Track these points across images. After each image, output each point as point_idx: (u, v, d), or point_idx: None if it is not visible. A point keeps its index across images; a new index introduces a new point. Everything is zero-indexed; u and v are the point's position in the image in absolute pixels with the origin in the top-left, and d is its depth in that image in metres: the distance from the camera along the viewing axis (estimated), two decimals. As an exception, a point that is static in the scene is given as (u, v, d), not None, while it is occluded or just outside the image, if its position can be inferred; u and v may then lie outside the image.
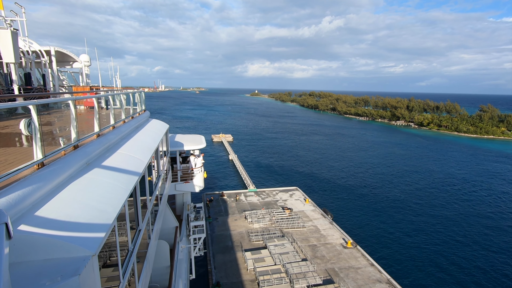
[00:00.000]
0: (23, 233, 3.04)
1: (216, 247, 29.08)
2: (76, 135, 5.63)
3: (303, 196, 42.71)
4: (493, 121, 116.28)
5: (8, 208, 3.11)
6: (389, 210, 41.93)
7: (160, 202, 10.90)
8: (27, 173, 4.00)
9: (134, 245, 5.79)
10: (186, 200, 20.96)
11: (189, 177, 18.54)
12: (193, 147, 18.83)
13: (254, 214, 35.42)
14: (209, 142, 77.06)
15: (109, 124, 8.27)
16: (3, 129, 8.52)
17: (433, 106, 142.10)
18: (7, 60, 12.55)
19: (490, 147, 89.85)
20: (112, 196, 4.63)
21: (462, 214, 41.07)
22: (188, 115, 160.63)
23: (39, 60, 19.52)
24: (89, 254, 3.20)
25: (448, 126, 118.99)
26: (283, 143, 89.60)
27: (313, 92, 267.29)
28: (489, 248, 32.74)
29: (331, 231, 32.64)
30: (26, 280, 2.84)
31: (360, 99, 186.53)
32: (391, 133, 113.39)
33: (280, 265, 25.49)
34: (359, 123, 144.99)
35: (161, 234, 13.72)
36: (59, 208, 3.73)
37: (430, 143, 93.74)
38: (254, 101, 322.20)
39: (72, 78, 26.14)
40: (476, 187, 52.20)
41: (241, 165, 59.67)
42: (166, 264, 12.14)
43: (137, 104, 13.03)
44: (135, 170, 6.29)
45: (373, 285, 23.87)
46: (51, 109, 15.33)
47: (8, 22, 14.42)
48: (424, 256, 31.09)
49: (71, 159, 5.00)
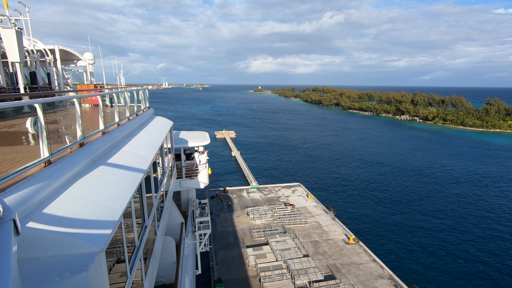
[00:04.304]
0: (31, 230, 3.09)
1: (218, 244, 29.26)
2: (81, 133, 5.67)
3: (305, 192, 42.69)
4: (500, 115, 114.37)
5: (17, 206, 3.16)
6: (392, 206, 41.76)
7: (166, 199, 10.99)
8: (35, 171, 4.05)
9: (140, 241, 5.86)
10: (191, 197, 21.11)
11: (193, 173, 18.63)
12: (197, 143, 18.89)
13: (256, 210, 35.52)
14: (212, 139, 77.30)
15: (114, 121, 8.31)
16: (10, 127, 8.62)
17: (438, 100, 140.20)
18: (12, 59, 12.64)
19: (497, 140, 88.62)
20: (118, 193, 4.68)
21: (466, 209, 40.73)
22: (191, 112, 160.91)
23: (44, 59, 19.64)
24: (96, 250, 3.25)
25: (453, 120, 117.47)
26: (286, 139, 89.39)
27: (316, 87, 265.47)
28: (496, 244, 32.49)
29: (333, 227, 32.63)
30: (35, 276, 2.90)
31: (364, 93, 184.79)
32: (396, 128, 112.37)
33: (281, 261, 25.57)
34: (363, 118, 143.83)
35: (167, 230, 13.85)
36: (67, 205, 3.78)
37: (435, 137, 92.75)
38: (257, 97, 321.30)
39: (76, 77, 26.30)
40: (482, 182, 51.63)
41: (243, 161, 59.75)
42: (172, 259, 12.26)
43: (141, 102, 13.08)
44: (141, 167, 6.33)
45: (375, 280, 23.86)
46: (56, 107, 15.47)
47: (13, 22, 14.50)
48: (427, 252, 30.98)
49: (77, 156, 5.05)
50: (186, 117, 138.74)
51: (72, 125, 8.30)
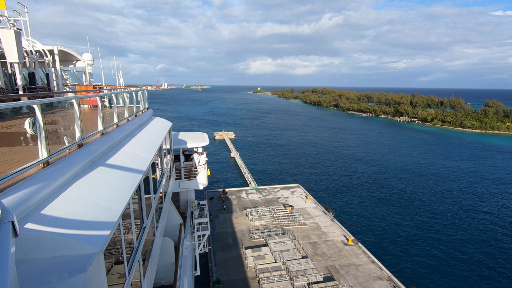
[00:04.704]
0: (29, 231, 3.08)
1: (217, 245, 29.20)
2: (80, 133, 5.66)
3: (304, 193, 42.68)
4: (498, 116, 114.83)
5: (15, 207, 3.15)
6: (391, 207, 41.80)
7: (164, 200, 10.97)
8: (33, 171, 4.04)
9: (139, 242, 5.84)
10: (190, 198, 21.08)
11: (192, 174, 18.61)
12: (196, 144, 18.88)
13: (255, 211, 35.49)
14: (211, 140, 77.21)
15: (113, 122, 8.30)
16: (8, 128, 8.59)
17: (437, 102, 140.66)
18: (11, 60, 12.62)
19: (495, 142, 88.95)
20: (117, 194, 4.67)
21: (465, 211, 40.83)
22: (190, 113, 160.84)
23: (43, 59, 19.61)
24: (95, 251, 3.24)
25: (452, 122, 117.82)
26: (285, 140, 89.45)
27: (315, 89, 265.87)
28: (495, 245, 32.55)
29: (332, 228, 32.61)
30: (33, 278, 2.88)
31: (363, 95, 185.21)
32: (395, 129, 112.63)
33: (280, 263, 25.53)
34: (362, 119, 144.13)
35: (166, 231, 13.82)
36: (65, 206, 3.77)
37: (434, 139, 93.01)
38: (256, 98, 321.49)
39: (75, 77, 26.28)
40: (481, 184, 51.78)
41: (242, 162, 59.73)
42: (171, 261, 12.23)
43: (140, 102, 13.07)
44: (139, 168, 6.32)
45: (373, 282, 23.85)
46: (55, 108, 15.44)
47: (11, 22, 14.48)
48: (426, 253, 31.00)
49: (75, 157, 5.04)
50: (185, 118, 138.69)
51: (71, 126, 8.29)
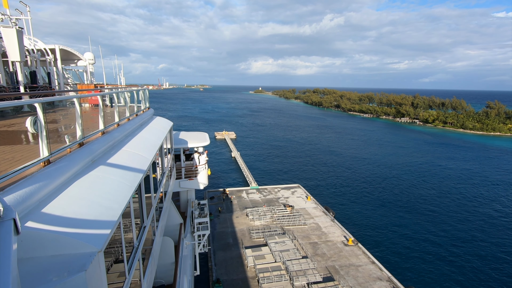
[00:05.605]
0: (30, 230, 3.09)
1: (217, 244, 29.23)
2: (81, 132, 5.67)
3: (305, 193, 42.67)
4: (500, 118, 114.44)
5: (16, 205, 3.16)
6: (392, 208, 41.73)
7: (165, 199, 10.98)
8: (34, 170, 4.05)
9: (139, 241, 5.85)
10: (190, 197, 21.09)
11: (193, 174, 18.62)
12: (197, 144, 18.89)
13: (256, 211, 35.50)
14: (212, 139, 77.24)
15: (114, 121, 8.31)
16: (10, 127, 8.62)
17: (438, 103, 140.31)
18: (13, 59, 12.67)
19: (497, 143, 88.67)
20: (117, 193, 4.68)
21: (466, 212, 40.72)
22: (191, 112, 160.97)
23: (44, 58, 19.66)
24: (95, 250, 3.25)
25: (453, 123, 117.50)
26: (286, 141, 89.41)
27: (317, 89, 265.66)
28: (495, 246, 32.45)
29: (332, 228, 32.60)
30: (33, 276, 2.89)
31: (365, 96, 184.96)
32: (396, 130, 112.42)
33: (280, 263, 25.56)
34: (363, 120, 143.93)
35: (166, 231, 13.83)
36: (66, 205, 3.78)
37: (435, 140, 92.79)
38: (257, 98, 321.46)
39: (76, 76, 26.31)
40: (483, 185, 51.62)
41: (243, 162, 59.75)
42: (171, 260, 12.25)
43: (141, 102, 13.08)
44: (140, 168, 6.33)
45: (373, 282, 23.84)
46: (56, 107, 15.47)
47: (13, 21, 14.52)
48: (425, 254, 30.94)
49: (76, 156, 5.05)
50: (186, 117, 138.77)
51: (72, 125, 8.30)
